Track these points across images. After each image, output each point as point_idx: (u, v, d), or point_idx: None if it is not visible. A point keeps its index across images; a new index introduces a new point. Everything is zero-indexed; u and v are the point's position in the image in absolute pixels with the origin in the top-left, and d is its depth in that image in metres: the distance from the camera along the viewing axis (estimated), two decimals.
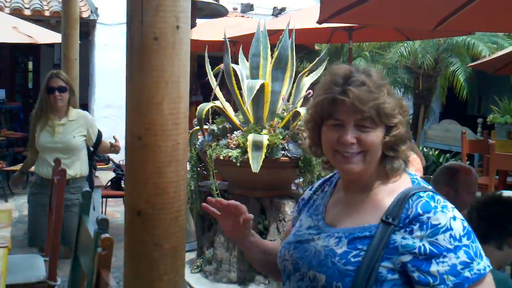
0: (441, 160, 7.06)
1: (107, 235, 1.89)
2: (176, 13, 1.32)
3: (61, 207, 3.09)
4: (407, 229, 1.27)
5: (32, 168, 4.30)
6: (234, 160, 3.54)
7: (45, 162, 3.95)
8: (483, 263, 1.25)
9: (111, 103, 9.26)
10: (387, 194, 1.36)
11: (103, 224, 2.10)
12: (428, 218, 1.26)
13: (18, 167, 6.29)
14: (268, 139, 3.49)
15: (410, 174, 1.42)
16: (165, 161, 1.33)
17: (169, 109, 1.32)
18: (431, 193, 1.32)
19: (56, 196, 3.18)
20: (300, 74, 3.89)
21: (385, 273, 1.25)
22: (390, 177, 1.38)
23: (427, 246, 1.24)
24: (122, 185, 3.76)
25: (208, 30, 7.40)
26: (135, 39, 1.32)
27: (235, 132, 3.77)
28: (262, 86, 3.63)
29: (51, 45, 9.15)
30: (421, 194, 1.31)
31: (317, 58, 4.22)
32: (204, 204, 1.39)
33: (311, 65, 4.08)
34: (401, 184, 1.37)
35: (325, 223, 1.42)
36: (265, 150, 3.42)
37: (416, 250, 1.24)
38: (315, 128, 1.43)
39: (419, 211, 1.27)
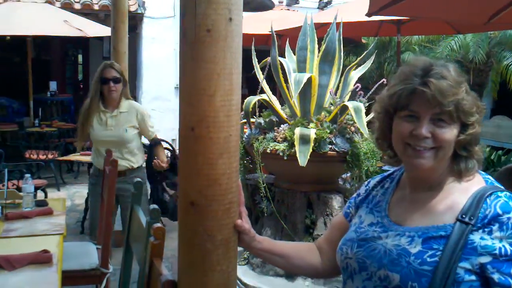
0: (492, 157, 6.87)
1: (159, 224, 1.92)
2: (228, 5, 1.32)
3: (113, 197, 3.16)
4: (486, 229, 1.23)
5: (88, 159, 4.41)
6: (281, 154, 3.54)
7: (100, 154, 3.92)
8: None
9: (158, 95, 9.41)
10: (460, 193, 1.31)
11: (155, 214, 2.15)
12: (508, 218, 1.22)
13: (70, 157, 6.48)
14: (315, 133, 3.48)
15: (482, 173, 1.37)
16: (217, 152, 1.34)
17: (221, 101, 1.33)
18: (508, 193, 1.28)
19: (107, 186, 3.26)
20: (348, 68, 3.85)
21: (462, 274, 1.21)
22: (463, 176, 1.33)
23: (508, 247, 1.20)
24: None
25: (254, 23, 7.41)
26: (188, 31, 1.32)
27: (282, 125, 3.77)
28: (309, 80, 3.62)
29: (100, 39, 9.34)
30: (499, 194, 1.27)
31: (364, 52, 4.18)
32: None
33: (359, 58, 4.03)
34: (474, 183, 1.33)
35: (391, 221, 1.38)
36: (312, 144, 3.41)
37: (497, 251, 1.20)
38: (386, 119, 1.38)
39: (499, 211, 1.23)
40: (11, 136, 9.91)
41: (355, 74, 3.89)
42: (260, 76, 3.89)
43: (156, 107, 9.48)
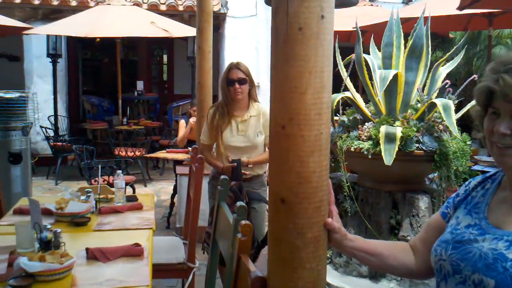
0: None
1: (246, 221, 1.95)
2: (321, 3, 1.32)
3: (199, 194, 3.23)
4: None
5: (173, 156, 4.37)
6: (365, 152, 3.48)
7: (226, 159, 3.71)
8: None
9: None
10: None
11: (241, 211, 2.18)
12: None
13: (157, 154, 6.70)
14: (401, 131, 3.39)
15: None
16: (308, 150, 1.34)
17: (312, 99, 1.33)
18: None
19: (194, 183, 3.34)
20: (436, 64, 3.73)
21: None
22: None
23: None
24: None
25: (337, 20, 7.27)
26: (280, 30, 1.33)
27: (366, 123, 3.71)
28: (395, 77, 3.53)
29: (185, 39, 9.59)
30: None
31: (450, 47, 4.03)
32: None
33: (448, 54, 3.89)
34: None
35: (489, 224, 1.33)
36: (398, 143, 3.33)
37: None
38: (479, 118, 1.35)
39: None
40: (101, 133, 10.40)
41: (443, 70, 3.76)
42: (344, 73, 3.84)
43: None
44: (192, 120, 6.11)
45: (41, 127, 8.71)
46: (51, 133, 9.04)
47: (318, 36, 1.32)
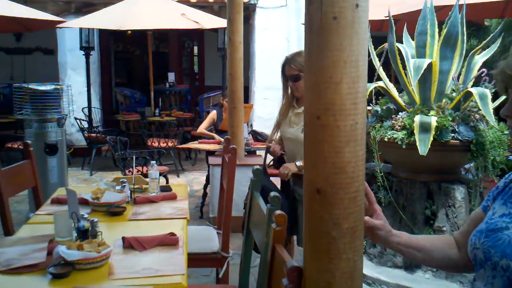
0: None
1: (280, 211, 1.96)
2: None
3: (232, 184, 3.25)
4: None
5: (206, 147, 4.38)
6: (399, 142, 3.45)
7: (290, 152, 3.63)
8: None
9: (270, 85, 9.51)
10: None
11: (275, 201, 2.19)
12: None
13: (189, 145, 6.76)
14: (436, 121, 3.35)
15: None
16: (344, 140, 1.33)
17: (348, 89, 1.32)
18: None
19: (227, 173, 3.36)
20: (471, 52, 3.66)
21: None
22: None
23: None
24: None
25: (369, 8, 7.21)
26: (314, 19, 1.32)
27: (400, 113, 3.67)
28: (430, 65, 3.49)
29: (215, 30, 9.61)
30: None
31: (485, 35, 3.94)
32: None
33: (484, 42, 3.81)
34: None
35: None
36: (433, 132, 3.29)
37: None
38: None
39: None
40: (134, 125, 10.52)
41: (479, 59, 3.69)
42: (377, 63, 3.81)
43: (269, 96, 9.61)
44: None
45: (76, 118, 8.86)
46: (85, 124, 9.19)
47: (353, 25, 1.30)
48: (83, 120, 9.21)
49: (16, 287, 2.13)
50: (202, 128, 6.80)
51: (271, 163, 6.15)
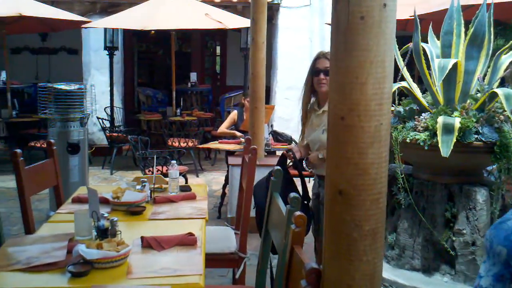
0: None
1: (300, 212, 1.94)
2: None
3: (252, 184, 3.23)
4: None
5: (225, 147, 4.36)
6: (421, 143, 3.39)
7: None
8: None
9: (292, 84, 9.49)
10: None
11: (294, 202, 2.17)
12: None
13: (209, 145, 6.77)
14: (460, 122, 3.28)
15: None
16: (368, 142, 1.31)
17: (373, 89, 1.30)
18: None
19: (246, 174, 3.34)
20: (498, 52, 3.58)
21: None
22: None
23: None
24: (304, 166, 3.69)
25: None
26: (341, 19, 1.30)
27: (423, 114, 3.61)
28: (455, 66, 3.42)
29: (238, 30, 9.62)
30: None
31: None
32: None
33: (511, 41, 3.73)
34: None
35: None
36: (457, 134, 3.23)
37: None
38: None
39: None
40: (155, 124, 10.58)
41: (505, 59, 3.60)
42: (401, 63, 3.75)
43: (290, 96, 9.58)
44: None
45: (98, 118, 8.93)
46: (107, 124, 9.26)
47: (380, 24, 1.28)
48: (105, 119, 9.28)
49: (36, 285, 2.13)
50: (223, 128, 6.81)
51: (290, 164, 6.13)
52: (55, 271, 2.23)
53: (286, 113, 9.47)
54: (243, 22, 8.37)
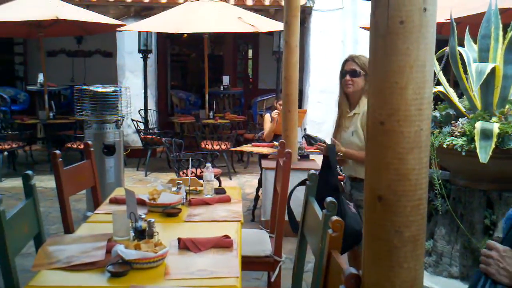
0: None
1: (336, 217, 1.94)
2: None
3: (287, 188, 3.24)
4: None
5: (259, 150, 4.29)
6: (458, 149, 3.35)
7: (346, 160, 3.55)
8: None
9: (324, 88, 9.46)
10: None
11: (331, 206, 2.17)
12: None
13: (242, 148, 6.79)
14: (499, 128, 3.23)
15: None
16: (407, 147, 1.31)
17: (413, 94, 1.29)
18: None
19: (280, 177, 3.35)
20: None
21: None
22: None
23: None
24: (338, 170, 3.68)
25: None
26: (380, 23, 1.31)
27: (459, 119, 3.56)
28: (493, 70, 3.37)
29: (270, 33, 9.64)
30: None
31: None
32: None
33: None
34: None
35: None
36: (495, 139, 3.18)
37: None
38: None
39: None
40: (188, 127, 10.68)
41: None
42: (437, 67, 3.71)
43: (322, 99, 9.55)
44: (274, 113, 6.13)
45: (132, 120, 9.06)
46: (141, 126, 9.39)
47: (420, 29, 1.28)
48: (140, 121, 9.41)
49: (76, 284, 2.18)
50: (269, 132, 6.57)
51: None
52: (95, 270, 2.28)
53: (319, 117, 9.44)
54: (275, 26, 8.40)
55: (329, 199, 2.17)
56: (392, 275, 1.35)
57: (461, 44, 3.82)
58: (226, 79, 11.74)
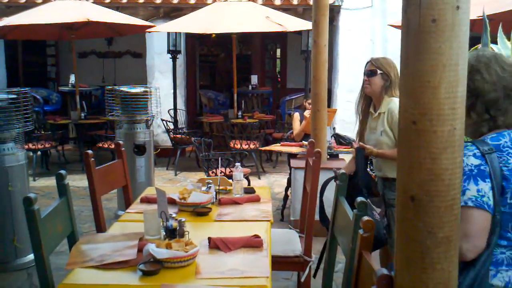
0: None
1: (368, 217, 1.92)
2: None
3: (316, 187, 3.23)
4: None
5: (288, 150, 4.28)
6: None
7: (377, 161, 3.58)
8: None
9: (353, 87, 9.37)
10: None
11: (362, 206, 2.15)
12: None
13: (271, 147, 6.79)
14: None
15: None
16: (440, 147, 1.29)
17: (446, 93, 1.28)
18: None
19: (310, 177, 3.35)
20: None
21: None
22: None
23: None
24: (368, 170, 3.64)
25: None
26: (412, 22, 1.29)
27: None
28: None
29: (298, 32, 9.61)
30: None
31: None
32: None
33: None
34: None
35: None
36: None
37: None
38: None
39: None
40: (217, 127, 10.73)
41: None
42: None
43: (351, 98, 9.46)
44: (307, 113, 6.11)
45: (162, 120, 9.14)
46: (170, 126, 9.47)
47: (453, 27, 1.26)
48: (169, 121, 9.49)
49: (109, 282, 2.21)
50: (300, 131, 6.56)
51: None
52: (127, 269, 2.31)
53: (348, 116, 9.36)
54: (303, 25, 8.37)
55: (359, 199, 2.16)
56: (425, 276, 1.34)
57: (494, 42, 3.76)
58: (254, 79, 11.76)
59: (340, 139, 6.39)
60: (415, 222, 1.32)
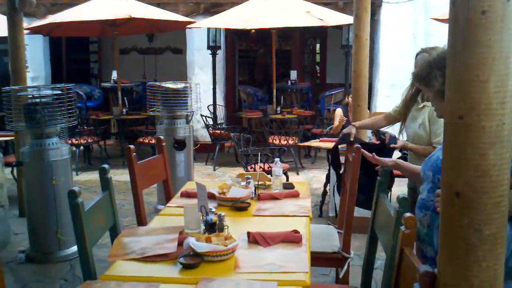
0: None
1: (410, 214, 1.89)
2: None
3: (356, 184, 3.19)
4: None
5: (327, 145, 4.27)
6: None
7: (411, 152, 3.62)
8: None
9: (395, 82, 9.25)
10: None
11: (403, 203, 2.12)
12: None
13: (310, 143, 6.76)
14: None
15: None
16: (488, 142, 1.25)
17: (495, 87, 1.24)
18: None
19: (350, 173, 3.31)
20: None
21: None
22: None
23: None
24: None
25: None
26: (460, 14, 1.26)
27: None
28: None
29: (339, 27, 9.52)
30: None
31: None
32: None
33: None
34: None
35: None
36: None
37: None
38: None
39: None
40: (256, 122, 10.74)
41: None
42: None
43: (392, 94, 9.33)
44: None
45: (201, 115, 9.21)
46: (210, 121, 9.53)
47: (504, 19, 1.22)
48: (208, 117, 9.56)
49: (150, 274, 2.24)
50: (339, 126, 6.52)
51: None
52: (167, 262, 2.33)
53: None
54: (344, 19, 8.29)
55: (401, 195, 2.12)
56: (470, 274, 1.30)
57: None
58: (293, 74, 11.71)
59: (381, 135, 6.30)
60: (460, 219, 1.29)
